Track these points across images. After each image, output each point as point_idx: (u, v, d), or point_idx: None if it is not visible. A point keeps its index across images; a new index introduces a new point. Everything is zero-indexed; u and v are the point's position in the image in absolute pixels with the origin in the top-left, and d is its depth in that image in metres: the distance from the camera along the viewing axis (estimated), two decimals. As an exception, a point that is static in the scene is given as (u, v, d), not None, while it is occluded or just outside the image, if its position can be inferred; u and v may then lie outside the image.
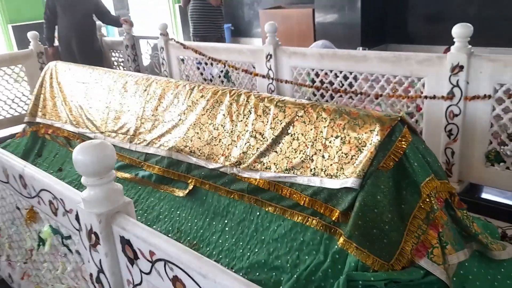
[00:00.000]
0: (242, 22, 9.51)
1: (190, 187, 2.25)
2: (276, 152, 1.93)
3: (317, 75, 3.16)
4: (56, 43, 4.73)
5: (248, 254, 1.91)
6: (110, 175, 1.06)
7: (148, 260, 0.97)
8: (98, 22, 4.87)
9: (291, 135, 1.89)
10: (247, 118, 2.07)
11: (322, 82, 3.15)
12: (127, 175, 2.58)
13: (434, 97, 2.54)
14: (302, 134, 1.85)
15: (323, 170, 1.74)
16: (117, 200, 1.07)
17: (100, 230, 1.04)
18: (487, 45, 5.58)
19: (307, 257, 1.75)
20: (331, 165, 1.73)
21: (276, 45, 3.34)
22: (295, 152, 1.86)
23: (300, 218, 1.82)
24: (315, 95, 3.21)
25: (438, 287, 1.52)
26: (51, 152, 3.23)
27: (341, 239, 1.60)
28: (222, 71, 3.85)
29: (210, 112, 2.23)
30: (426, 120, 2.63)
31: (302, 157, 1.82)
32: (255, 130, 2.02)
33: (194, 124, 2.28)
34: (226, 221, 2.08)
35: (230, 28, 9.16)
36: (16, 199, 1.58)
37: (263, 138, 1.98)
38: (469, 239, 1.69)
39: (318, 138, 1.79)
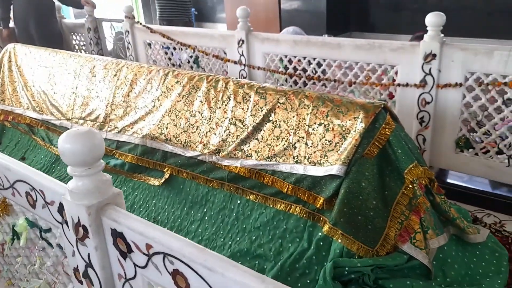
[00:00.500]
0: (205, 7, 9.33)
1: (166, 175, 2.19)
2: (257, 139, 1.90)
3: (290, 61, 3.14)
4: (11, 24, 4.44)
5: (230, 243, 1.89)
6: (99, 164, 0.99)
7: (144, 254, 0.92)
8: (57, 3, 4.62)
9: (273, 123, 1.86)
10: (226, 105, 2.03)
11: (295, 68, 3.14)
12: (97, 163, 2.47)
13: (407, 85, 2.59)
14: (284, 122, 1.83)
15: (306, 158, 1.73)
16: (106, 191, 1.00)
17: (89, 223, 0.98)
18: (446, 35, 5.77)
19: (290, 244, 1.75)
20: (314, 152, 1.72)
21: (249, 31, 3.29)
22: (277, 139, 1.84)
23: (282, 205, 1.81)
24: (287, 82, 3.20)
25: (420, 271, 1.56)
26: (11, 140, 3.05)
27: (326, 226, 1.60)
28: (191, 57, 3.76)
29: (186, 99, 2.17)
30: (399, 108, 2.67)
31: (284, 144, 1.81)
32: (234, 117, 1.98)
33: (170, 111, 2.21)
34: (205, 210, 2.04)
35: (194, 12, 8.96)
36: (-15, 191, 1.48)
37: (243, 126, 1.95)
38: (446, 224, 1.74)
39: (301, 126, 1.77)
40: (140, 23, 3.99)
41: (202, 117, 2.09)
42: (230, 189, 1.98)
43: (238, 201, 1.95)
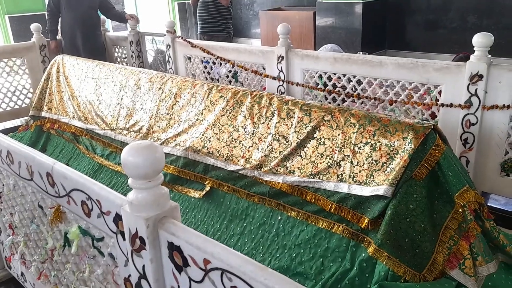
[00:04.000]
0: (240, 22, 9.48)
1: (207, 188, 2.21)
2: (300, 156, 1.90)
3: (329, 78, 3.14)
4: (59, 36, 4.63)
5: (269, 259, 1.88)
6: (158, 178, 1.01)
7: (200, 269, 0.93)
8: (102, 17, 4.80)
9: (317, 140, 1.86)
10: (269, 121, 2.04)
11: (334, 86, 3.13)
12: (138, 174, 2.53)
13: (451, 105, 2.54)
14: (329, 139, 1.82)
15: (351, 177, 1.72)
16: (164, 204, 1.02)
17: (147, 235, 1.00)
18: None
19: (332, 264, 1.72)
20: (360, 171, 1.70)
21: (288, 47, 3.31)
22: (321, 157, 1.83)
23: (325, 224, 1.79)
24: (326, 98, 3.19)
25: (469, 299, 1.50)
26: (56, 148, 3.16)
27: (371, 248, 1.58)
28: (230, 71, 3.81)
29: (230, 113, 2.19)
30: (441, 128, 2.61)
31: (328, 162, 1.80)
32: (278, 133, 1.99)
33: (213, 125, 2.24)
34: (245, 225, 2.04)
35: (229, 27, 9.09)
36: (39, 198, 1.53)
37: (287, 142, 1.95)
38: (495, 251, 1.68)
39: (347, 144, 1.76)
40: (182, 38, 4.08)
41: (245, 132, 2.11)
42: (271, 205, 1.98)
43: (279, 217, 1.95)
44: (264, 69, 3.52)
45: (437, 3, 6.69)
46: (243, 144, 2.11)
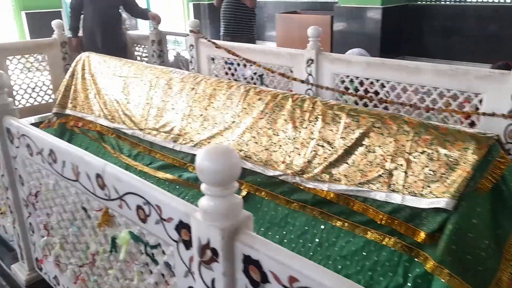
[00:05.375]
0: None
1: (243, 193, 2.13)
2: (347, 163, 1.82)
3: (361, 83, 3.06)
4: (80, 33, 4.58)
5: (313, 270, 1.80)
6: (233, 185, 0.94)
7: (284, 286, 0.86)
8: (124, 15, 4.74)
9: (366, 147, 1.78)
10: (313, 125, 1.96)
11: (366, 91, 3.05)
12: (168, 175, 2.46)
13: (493, 114, 2.45)
14: (380, 147, 1.74)
15: (405, 187, 1.64)
16: (238, 214, 0.95)
17: (221, 247, 0.92)
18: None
19: (382, 278, 1.64)
20: (415, 182, 1.62)
21: (318, 51, 3.24)
22: (371, 165, 1.75)
23: (374, 235, 1.71)
24: (357, 104, 3.11)
25: (535, 321, 1.42)
26: (80, 146, 3.07)
27: (430, 263, 1.49)
28: (255, 73, 3.74)
29: (269, 116, 2.12)
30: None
31: (379, 171, 1.72)
32: (322, 139, 1.91)
33: (251, 128, 2.16)
34: (284, 233, 1.97)
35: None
36: (84, 199, 1.46)
37: (332, 148, 1.87)
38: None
39: (400, 153, 1.68)
40: (206, 38, 4.01)
41: (286, 136, 2.03)
42: (314, 213, 1.90)
43: (322, 226, 1.87)
44: (291, 72, 3.44)
45: (457, 11, 6.62)
46: (283, 149, 2.03)
